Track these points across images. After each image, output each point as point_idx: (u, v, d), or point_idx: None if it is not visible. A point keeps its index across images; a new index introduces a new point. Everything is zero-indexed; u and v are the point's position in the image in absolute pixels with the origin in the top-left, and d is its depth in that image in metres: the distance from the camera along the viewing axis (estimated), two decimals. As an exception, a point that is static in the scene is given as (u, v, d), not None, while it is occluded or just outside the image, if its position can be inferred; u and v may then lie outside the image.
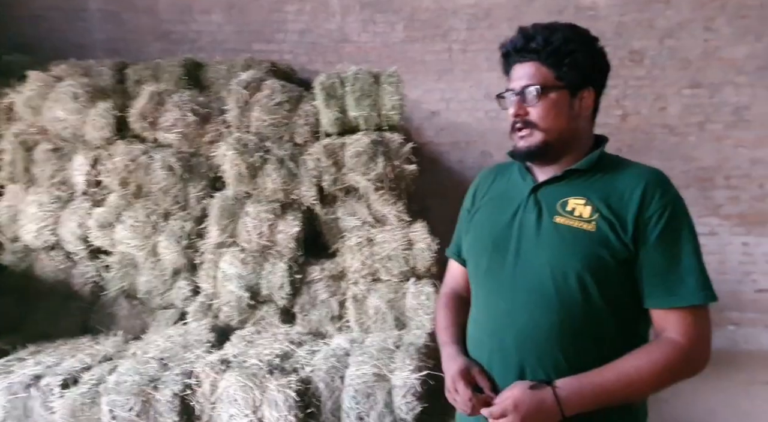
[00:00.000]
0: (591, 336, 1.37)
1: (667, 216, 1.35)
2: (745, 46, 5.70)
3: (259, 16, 5.83)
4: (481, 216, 1.61)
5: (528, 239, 1.43)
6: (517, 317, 1.42)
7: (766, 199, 5.71)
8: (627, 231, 1.35)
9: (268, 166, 3.90)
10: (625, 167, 1.47)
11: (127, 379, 3.03)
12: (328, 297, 3.93)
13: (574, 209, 1.41)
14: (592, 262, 1.35)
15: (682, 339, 1.33)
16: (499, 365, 1.45)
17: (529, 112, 1.45)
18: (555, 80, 1.44)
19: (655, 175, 1.42)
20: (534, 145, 1.45)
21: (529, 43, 1.46)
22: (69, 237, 4.05)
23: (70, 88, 4.06)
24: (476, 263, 1.57)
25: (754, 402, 4.33)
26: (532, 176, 1.53)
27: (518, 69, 1.48)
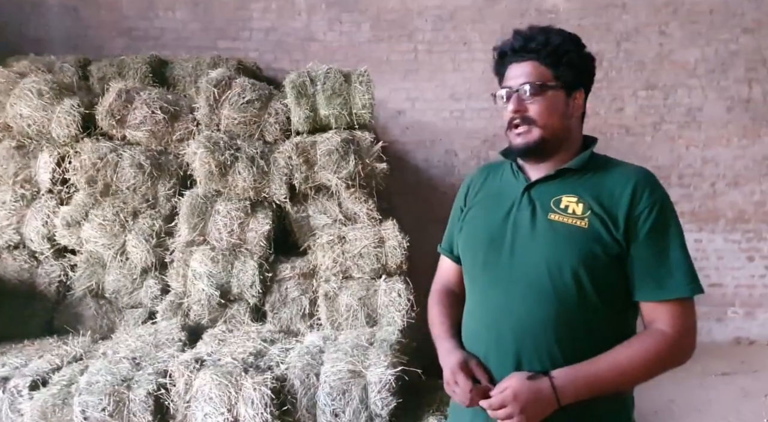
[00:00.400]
0: (584, 328, 1.43)
1: (656, 213, 1.42)
2: (696, 50, 5.94)
3: (224, 14, 5.80)
4: (475, 213, 1.66)
5: (523, 235, 1.49)
6: (514, 310, 1.47)
7: (716, 198, 5.96)
8: (618, 227, 1.42)
9: (238, 164, 3.89)
10: (614, 166, 1.54)
11: (99, 379, 2.99)
12: (299, 295, 3.95)
13: (567, 206, 1.47)
14: (586, 257, 1.41)
15: (671, 330, 1.40)
16: (496, 356, 1.50)
17: (528, 109, 1.50)
18: (553, 79, 1.51)
19: (643, 174, 1.50)
20: (532, 141, 1.51)
21: (528, 44, 1.51)
22: (33, 236, 3.96)
23: (34, 85, 3.97)
24: (472, 259, 1.61)
25: (709, 392, 4.53)
26: (524, 175, 1.59)
27: (515, 68, 1.54)
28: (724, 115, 5.94)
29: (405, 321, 3.72)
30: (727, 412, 4.17)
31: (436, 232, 5.80)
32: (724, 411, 4.19)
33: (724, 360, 5.27)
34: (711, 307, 5.91)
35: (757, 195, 5.95)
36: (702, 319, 5.87)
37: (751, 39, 5.90)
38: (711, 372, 4.93)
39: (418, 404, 3.30)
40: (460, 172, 5.90)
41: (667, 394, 4.38)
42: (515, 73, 1.54)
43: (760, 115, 5.92)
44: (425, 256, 5.48)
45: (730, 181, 5.96)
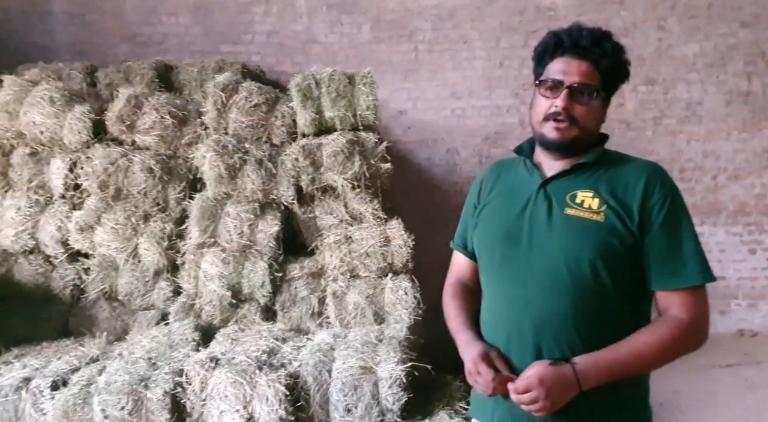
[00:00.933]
0: (602, 317, 1.49)
1: (668, 205, 1.48)
2: (695, 44, 5.99)
3: (225, 18, 5.87)
4: (491, 209, 1.70)
5: (540, 230, 1.53)
6: (534, 302, 1.52)
7: (717, 191, 6.02)
8: (633, 219, 1.47)
9: (247, 167, 3.96)
10: (626, 161, 1.59)
11: (118, 379, 3.07)
12: (308, 294, 4.02)
13: (583, 201, 1.52)
14: (603, 250, 1.46)
15: (686, 316, 1.47)
16: (517, 347, 1.54)
17: (575, 108, 1.53)
18: (600, 85, 1.55)
19: (655, 167, 1.56)
20: (570, 138, 1.54)
21: (594, 47, 1.53)
22: (48, 240, 4.05)
23: (46, 93, 4.05)
24: (489, 254, 1.65)
25: (714, 384, 4.58)
26: (539, 171, 1.63)
27: (570, 63, 1.54)
28: (724, 108, 6.00)
29: (412, 318, 3.78)
30: (732, 403, 4.23)
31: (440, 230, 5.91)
32: (730, 402, 4.24)
33: (728, 352, 5.33)
34: (714, 300, 5.93)
35: (758, 187, 6.00)
36: (705, 311, 5.94)
37: (750, 33, 5.96)
38: (715, 364, 4.98)
39: (429, 399, 3.37)
40: (462, 170, 5.96)
41: (673, 386, 4.45)
42: (569, 69, 1.54)
43: (760, 108, 5.98)
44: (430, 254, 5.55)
45: (730, 174, 6.02)
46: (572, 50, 1.55)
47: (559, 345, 1.49)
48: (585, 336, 1.48)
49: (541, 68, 1.62)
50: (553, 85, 1.55)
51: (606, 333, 1.48)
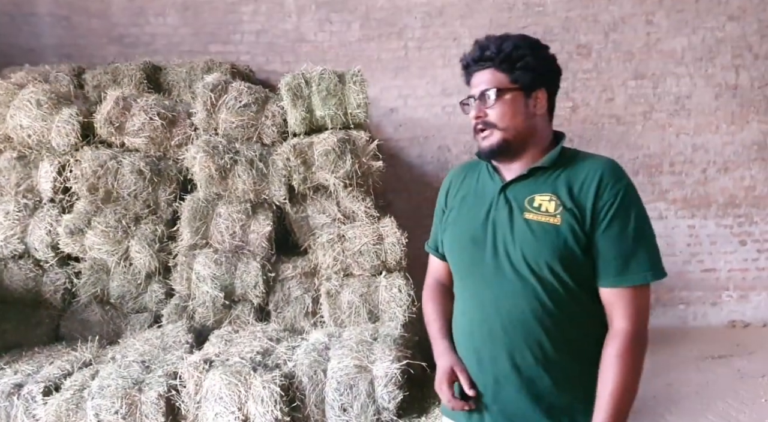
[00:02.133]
0: (568, 317, 1.53)
1: (618, 204, 1.50)
2: (683, 38, 6.03)
3: (214, 18, 5.84)
4: (456, 214, 1.73)
5: (503, 235, 1.57)
6: (502, 305, 1.56)
7: (707, 183, 6.06)
8: (585, 219, 1.50)
9: (237, 167, 3.95)
10: (582, 159, 1.61)
11: (111, 383, 3.05)
12: (302, 294, 4.01)
13: (540, 205, 1.55)
14: (560, 252, 1.49)
15: (628, 324, 1.49)
16: (490, 350, 1.58)
17: (488, 114, 1.59)
18: (509, 83, 1.58)
19: (609, 165, 1.57)
20: (495, 143, 1.59)
21: (484, 53, 1.59)
22: (38, 245, 4.01)
23: (32, 96, 4.01)
24: (458, 259, 1.70)
25: (707, 375, 4.61)
26: (499, 175, 1.66)
27: (477, 76, 1.62)
28: (713, 102, 6.03)
29: (407, 316, 3.79)
30: (725, 394, 4.26)
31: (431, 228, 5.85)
32: (722, 393, 4.27)
33: (719, 344, 5.37)
34: (705, 292, 6.02)
35: (747, 180, 6.05)
36: (697, 304, 5.99)
37: (737, 26, 5.99)
38: (707, 356, 5.02)
39: (424, 396, 3.37)
40: (454, 166, 5.95)
41: (665, 378, 4.48)
42: (476, 82, 1.62)
43: (748, 101, 6.02)
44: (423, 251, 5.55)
45: (720, 167, 6.06)
46: (474, 66, 1.63)
47: (529, 344, 1.53)
48: (553, 335, 1.52)
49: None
50: (467, 102, 1.64)
51: (573, 332, 1.54)
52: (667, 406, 4.06)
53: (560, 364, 1.53)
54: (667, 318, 5.92)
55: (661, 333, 5.68)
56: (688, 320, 6.01)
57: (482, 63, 1.60)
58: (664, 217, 6.01)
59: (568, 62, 5.96)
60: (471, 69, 1.64)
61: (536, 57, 1.60)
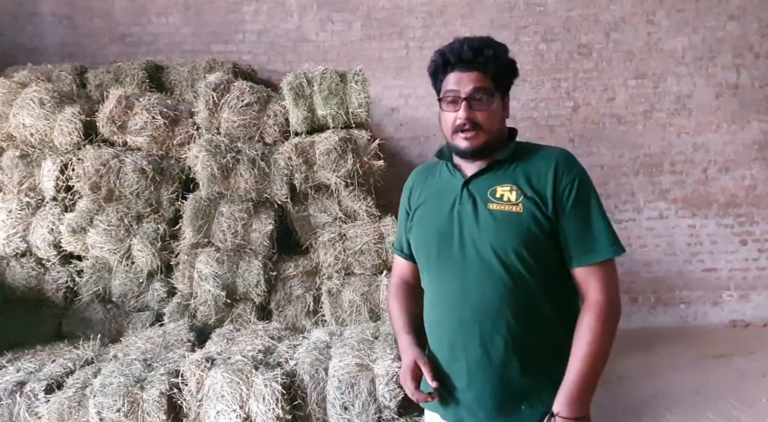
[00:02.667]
0: (534, 299, 1.60)
1: (576, 188, 1.60)
2: (683, 38, 6.03)
3: (216, 17, 5.85)
4: (422, 212, 1.79)
5: (469, 226, 1.64)
6: (471, 294, 1.62)
7: (708, 183, 6.06)
8: (547, 205, 1.59)
9: (239, 166, 3.96)
10: (536, 151, 1.71)
11: (113, 381, 3.05)
12: (303, 293, 4.02)
13: (502, 195, 1.63)
14: (525, 238, 1.58)
15: (602, 295, 1.58)
16: (462, 339, 1.64)
17: (477, 116, 1.63)
18: (494, 88, 1.65)
19: (562, 154, 1.67)
20: (478, 145, 1.64)
21: (477, 56, 1.62)
22: (40, 243, 4.02)
23: (35, 94, 4.03)
24: (426, 254, 1.75)
25: (707, 375, 4.61)
26: (460, 172, 1.73)
27: (462, 76, 1.64)
28: (713, 101, 6.04)
29: (388, 314, 3.79)
30: (725, 393, 4.26)
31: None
32: (723, 393, 4.27)
33: (720, 343, 5.37)
34: (706, 291, 6.02)
35: (748, 179, 6.05)
36: (697, 303, 5.99)
37: (737, 26, 6.00)
38: (708, 355, 5.02)
39: (425, 395, 3.37)
40: (416, 168, 5.97)
41: (666, 378, 4.48)
42: (462, 81, 1.64)
43: (748, 100, 6.03)
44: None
45: (720, 167, 6.06)
46: (459, 65, 1.64)
47: (498, 329, 1.59)
48: (521, 319, 1.59)
49: (438, 85, 1.72)
50: (453, 99, 1.64)
51: (541, 316, 1.62)
52: (668, 406, 4.07)
53: (529, 349, 1.60)
54: (668, 318, 5.93)
55: (662, 332, 5.69)
56: (689, 320, 6.01)
57: (470, 64, 1.63)
58: (664, 217, 6.01)
59: (568, 62, 5.98)
60: (452, 67, 1.66)
61: (513, 65, 1.70)
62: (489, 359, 1.61)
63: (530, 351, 1.61)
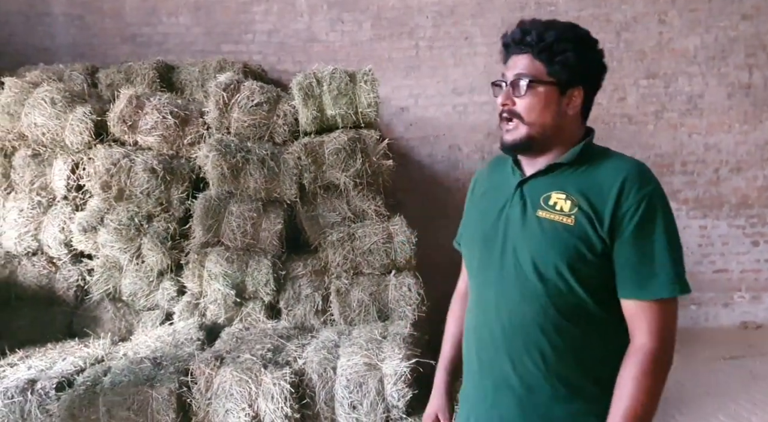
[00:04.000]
0: (573, 324, 1.42)
1: (642, 211, 1.37)
2: (695, 38, 5.99)
3: (226, 17, 5.86)
4: (476, 210, 1.68)
5: (514, 232, 1.48)
6: (504, 306, 1.48)
7: (720, 184, 6.02)
8: (603, 224, 1.38)
9: (249, 166, 3.97)
10: (607, 159, 1.49)
11: (123, 379, 3.08)
12: (312, 292, 4.02)
13: (555, 203, 1.44)
14: (569, 255, 1.39)
15: (650, 340, 1.37)
16: (490, 352, 1.52)
17: (516, 103, 1.48)
18: (546, 75, 1.46)
19: (635, 168, 1.44)
20: (519, 138, 1.49)
21: (524, 37, 1.48)
22: (51, 242, 4.06)
23: (47, 94, 4.05)
24: (470, 256, 1.64)
25: (718, 376, 4.59)
26: (520, 171, 1.57)
27: (514, 59, 1.51)
28: (725, 101, 5.99)
29: (416, 314, 3.80)
30: (736, 395, 4.24)
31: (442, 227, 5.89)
32: (734, 394, 4.25)
33: (731, 345, 5.34)
34: (717, 293, 5.98)
35: (760, 180, 6.00)
36: (708, 305, 5.95)
37: (750, 25, 5.95)
38: (719, 357, 5.00)
39: (433, 395, 3.37)
40: (464, 166, 5.97)
41: (677, 378, 4.44)
42: (511, 64, 1.51)
43: (761, 100, 5.98)
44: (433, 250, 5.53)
45: (732, 167, 6.02)
46: (513, 47, 1.51)
47: (529, 351, 1.45)
48: (555, 343, 1.43)
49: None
50: (499, 83, 1.54)
51: (578, 343, 1.43)
52: (678, 407, 4.05)
53: (562, 375, 1.43)
54: (679, 319, 5.86)
55: (673, 333, 5.65)
56: (700, 321, 5.97)
57: (522, 46, 1.48)
58: (675, 218, 5.96)
59: (579, 61, 5.94)
60: (510, 50, 1.53)
61: (579, 53, 1.48)
62: (518, 380, 1.46)
63: (565, 377, 1.43)
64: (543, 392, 1.44)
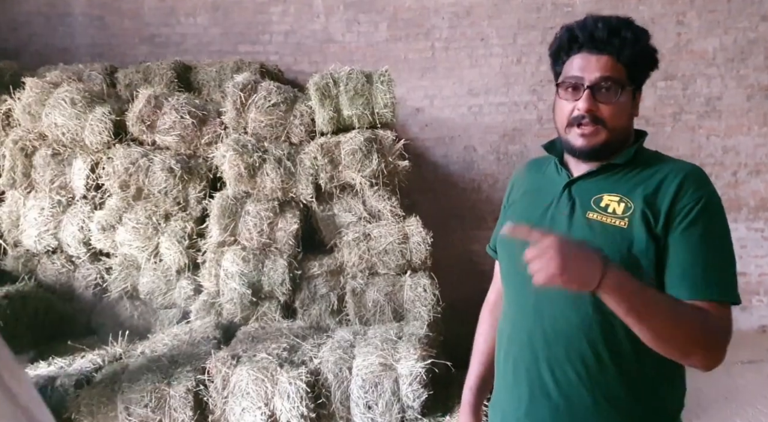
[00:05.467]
0: (621, 333, 1.33)
1: (699, 210, 1.31)
2: (714, 39, 5.93)
3: (243, 18, 5.90)
4: (515, 210, 1.60)
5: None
6: (545, 312, 1.41)
7: (738, 186, 5.96)
8: (659, 221, 1.33)
9: (266, 166, 3.99)
10: (663, 162, 1.44)
11: (141, 377, 3.11)
12: (328, 292, 4.04)
13: (608, 205, 1.38)
14: (623, 258, 1.31)
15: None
16: (527, 359, 1.45)
17: (600, 109, 1.39)
18: (627, 80, 1.40)
19: (695, 170, 1.40)
20: (598, 144, 1.40)
21: (612, 37, 1.39)
22: (70, 240, 4.10)
23: (67, 94, 4.09)
24: (507, 258, 1.56)
25: (736, 380, 4.55)
26: (567, 171, 1.51)
27: (590, 60, 1.41)
28: (744, 103, 5.93)
29: (431, 315, 3.80)
30: (754, 399, 4.20)
31: (457, 228, 5.90)
32: (752, 398, 4.21)
33: (749, 349, 5.29)
34: (735, 296, 5.92)
35: (779, 183, 5.95)
36: (726, 308, 5.88)
37: (770, 26, 5.89)
38: (737, 361, 4.95)
39: (448, 395, 3.37)
40: (479, 167, 5.96)
41: (694, 382, 4.38)
42: (588, 66, 1.40)
43: (780, 102, 5.92)
44: (448, 251, 5.52)
45: (751, 170, 5.96)
46: (589, 44, 1.41)
47: (571, 359, 1.37)
48: (600, 352, 1.35)
49: (558, 67, 1.49)
50: (574, 86, 1.41)
51: (626, 352, 1.35)
52: (695, 411, 4.01)
53: (603, 386, 1.36)
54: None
55: (689, 337, 5.61)
56: (717, 324, 5.92)
57: (602, 46, 1.39)
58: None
59: (596, 63, 5.91)
60: (580, 46, 1.42)
61: (655, 56, 1.46)
62: (556, 388, 1.39)
63: (606, 390, 1.36)
64: (581, 403, 1.37)
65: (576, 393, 1.37)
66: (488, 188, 5.93)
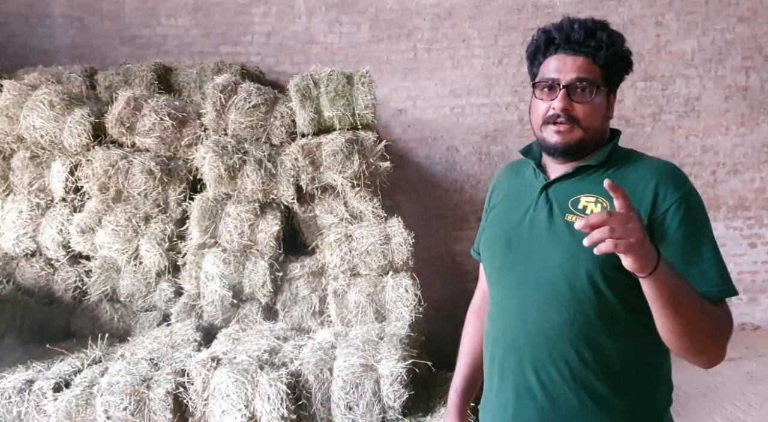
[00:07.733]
0: (604, 333, 1.35)
1: (684, 211, 1.32)
2: (692, 40, 6.01)
3: (225, 19, 5.88)
4: (496, 214, 1.62)
5: (539, 237, 1.42)
6: (528, 313, 1.42)
7: (717, 186, 6.04)
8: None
9: (246, 167, 3.98)
10: (637, 161, 1.45)
11: (120, 380, 3.09)
12: (309, 293, 4.04)
13: (585, 207, 1.39)
14: (603, 262, 1.29)
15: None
16: (512, 360, 1.46)
17: (575, 108, 1.41)
18: (602, 80, 1.42)
19: (668, 169, 1.40)
20: (573, 142, 1.42)
21: (588, 39, 1.40)
22: (49, 243, 4.07)
23: (45, 96, 4.06)
24: (491, 261, 1.57)
25: (715, 377, 4.59)
26: (544, 174, 1.51)
27: (566, 61, 1.42)
28: (722, 103, 6.01)
29: (413, 315, 3.80)
30: (733, 396, 4.25)
31: (439, 228, 5.92)
32: (731, 395, 4.26)
33: (729, 346, 5.31)
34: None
35: (757, 182, 6.02)
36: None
37: (747, 27, 5.97)
38: (716, 357, 5.00)
39: (429, 396, 3.39)
40: (462, 168, 5.98)
41: (674, 380, 4.46)
42: (564, 67, 1.42)
43: (758, 102, 6.00)
44: (430, 252, 5.54)
45: (730, 169, 6.03)
46: (565, 46, 1.43)
47: (555, 361, 1.38)
48: (584, 353, 1.36)
49: (535, 68, 1.51)
50: (550, 86, 1.43)
51: (606, 352, 1.36)
52: (674, 408, 4.03)
53: (587, 386, 1.37)
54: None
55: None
56: (697, 322, 5.98)
57: (578, 47, 1.41)
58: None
59: (577, 64, 5.95)
60: (559, 48, 1.44)
61: (630, 57, 1.47)
62: (541, 389, 1.40)
63: (590, 389, 1.36)
64: (567, 403, 1.38)
65: (561, 394, 1.38)
66: (471, 189, 5.95)
